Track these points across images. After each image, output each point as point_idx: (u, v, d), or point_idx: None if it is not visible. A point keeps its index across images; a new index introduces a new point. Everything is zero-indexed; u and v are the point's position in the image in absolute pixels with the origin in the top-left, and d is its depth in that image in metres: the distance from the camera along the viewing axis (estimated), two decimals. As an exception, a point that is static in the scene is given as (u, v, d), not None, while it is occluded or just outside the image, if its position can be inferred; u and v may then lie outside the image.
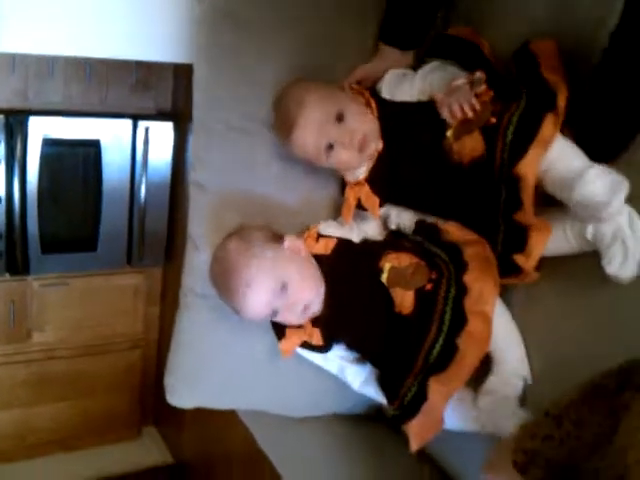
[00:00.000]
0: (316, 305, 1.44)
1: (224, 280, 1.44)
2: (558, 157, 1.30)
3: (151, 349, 3.12)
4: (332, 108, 1.41)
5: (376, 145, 1.45)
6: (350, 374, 1.58)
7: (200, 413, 2.67)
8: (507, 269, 1.38)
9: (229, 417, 1.89)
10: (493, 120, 1.36)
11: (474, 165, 1.38)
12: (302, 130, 1.42)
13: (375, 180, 1.49)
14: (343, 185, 1.56)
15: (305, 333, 1.48)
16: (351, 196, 1.52)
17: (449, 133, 1.39)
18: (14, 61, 2.50)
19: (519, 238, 1.34)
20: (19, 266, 2.67)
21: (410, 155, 1.46)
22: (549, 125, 1.30)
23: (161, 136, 2.74)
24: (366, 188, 1.50)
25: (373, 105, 1.47)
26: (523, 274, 1.36)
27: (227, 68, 1.52)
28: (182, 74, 2.70)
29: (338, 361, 1.57)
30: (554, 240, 1.34)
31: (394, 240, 1.53)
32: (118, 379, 3.09)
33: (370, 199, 1.50)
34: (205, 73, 1.54)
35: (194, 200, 1.58)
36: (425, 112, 1.43)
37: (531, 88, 1.35)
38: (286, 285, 1.39)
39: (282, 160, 1.56)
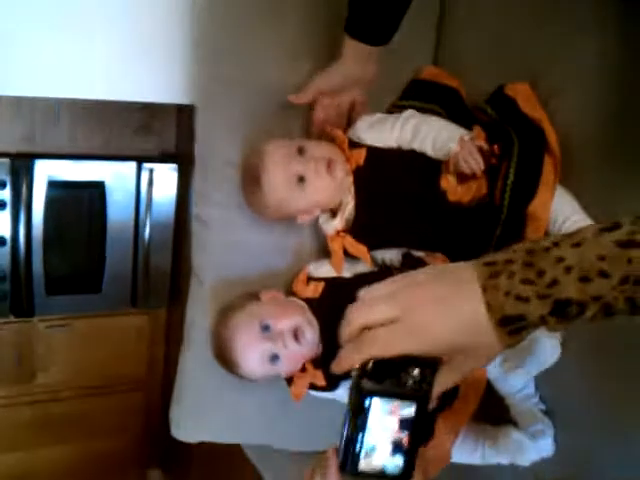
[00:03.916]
0: (310, 335, 1.44)
1: (222, 357, 1.49)
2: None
3: (155, 391, 3.12)
4: (291, 147, 1.45)
5: (344, 168, 1.47)
6: None
7: (206, 453, 2.68)
8: None
9: (235, 456, 1.88)
10: (494, 161, 1.40)
11: (474, 204, 1.41)
12: (269, 173, 1.44)
13: (357, 229, 1.51)
14: None
15: (309, 376, 1.49)
16: (336, 246, 1.53)
17: (450, 177, 1.41)
18: (20, 106, 2.54)
19: None
20: (24, 307, 2.69)
21: (398, 198, 1.47)
22: (549, 167, 1.35)
23: (165, 178, 2.77)
24: (348, 238, 1.51)
25: (362, 155, 1.49)
26: None
27: (227, 104, 1.55)
28: (185, 117, 2.74)
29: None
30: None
31: (386, 272, 1.55)
32: (122, 421, 3.08)
33: (356, 248, 1.52)
34: (206, 110, 1.57)
35: (197, 235, 1.61)
36: (413, 156, 1.46)
37: (518, 127, 1.39)
38: (267, 324, 1.42)
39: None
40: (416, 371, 0.78)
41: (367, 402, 0.78)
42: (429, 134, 1.44)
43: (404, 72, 1.66)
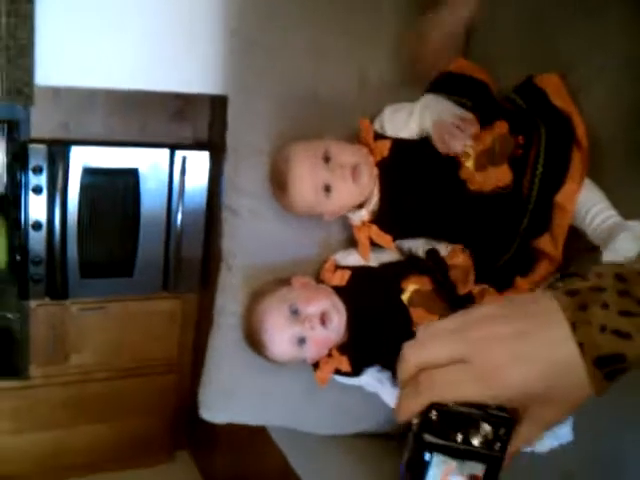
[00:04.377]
0: (337, 321, 1.48)
1: (252, 338, 1.54)
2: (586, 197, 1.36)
3: (185, 374, 3.17)
4: (317, 153, 1.48)
5: (369, 172, 1.50)
6: (386, 394, 1.61)
7: (232, 436, 2.73)
8: (502, 284, 1.44)
9: (261, 439, 1.92)
10: (519, 152, 1.42)
11: (497, 194, 1.43)
12: (296, 182, 1.48)
13: (383, 219, 1.54)
14: None
15: (334, 361, 1.53)
16: (362, 236, 1.57)
17: (469, 164, 1.44)
18: (58, 95, 2.59)
19: (527, 263, 1.40)
20: (59, 290, 2.75)
21: (421, 189, 1.51)
22: (577, 160, 1.37)
23: (198, 165, 2.81)
24: (374, 228, 1.55)
25: (387, 146, 1.52)
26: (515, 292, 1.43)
27: (259, 93, 1.59)
28: (219, 105, 2.77)
29: (374, 382, 1.62)
30: None
31: (413, 262, 1.58)
32: (152, 402, 3.14)
33: (382, 237, 1.56)
34: (238, 99, 1.60)
35: (227, 223, 1.65)
36: (435, 146, 1.48)
37: (546, 118, 1.41)
38: (296, 308, 1.46)
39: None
40: (488, 428, 0.66)
41: (427, 456, 0.67)
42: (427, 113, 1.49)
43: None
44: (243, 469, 2.78)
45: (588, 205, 1.37)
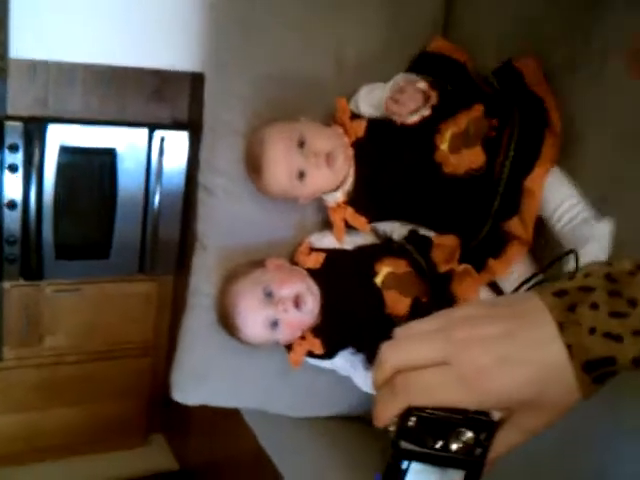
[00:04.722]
0: (310, 303, 1.47)
1: (225, 320, 1.54)
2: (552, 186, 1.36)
3: (160, 356, 3.14)
4: (291, 137, 1.48)
5: (345, 156, 1.49)
6: (358, 377, 1.61)
7: (206, 420, 2.71)
8: (475, 266, 1.45)
9: (235, 422, 1.91)
10: (492, 134, 1.41)
11: (470, 176, 1.42)
12: (270, 166, 1.48)
13: (358, 200, 1.53)
14: None
15: (307, 343, 1.52)
16: (337, 218, 1.57)
17: (443, 146, 1.44)
18: (35, 70, 2.55)
19: (498, 245, 1.40)
20: (33, 271, 2.71)
21: (396, 170, 1.51)
22: (549, 145, 1.36)
23: (176, 146, 2.78)
24: (349, 210, 1.54)
25: (362, 126, 1.51)
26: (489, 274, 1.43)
27: (236, 72, 1.57)
28: (198, 85, 2.74)
29: (347, 365, 1.61)
30: None
31: (388, 245, 1.57)
32: (127, 385, 3.11)
33: (357, 219, 1.55)
34: (215, 78, 1.59)
35: (202, 203, 1.63)
36: (410, 126, 1.47)
37: (521, 102, 1.40)
38: (270, 290, 1.44)
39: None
40: (469, 434, 0.62)
41: (405, 465, 0.63)
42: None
43: (412, 44, 1.67)
44: (217, 452, 2.77)
45: (556, 202, 1.36)
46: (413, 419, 0.62)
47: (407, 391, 0.62)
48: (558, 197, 1.36)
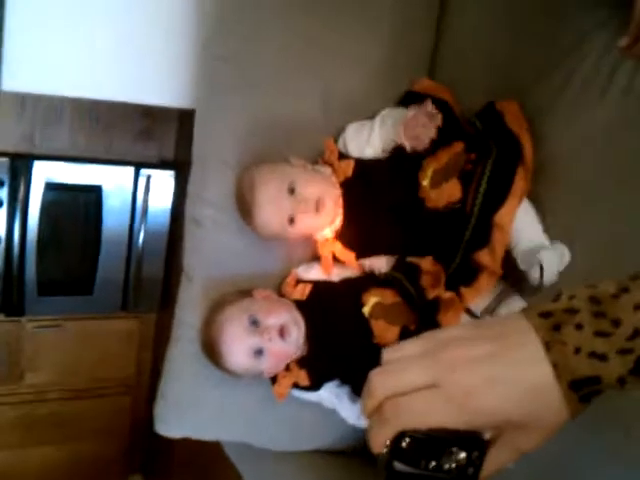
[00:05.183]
0: (295, 334, 1.47)
1: (209, 347, 1.52)
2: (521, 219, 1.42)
3: (141, 395, 3.11)
4: (282, 183, 1.50)
5: (334, 202, 1.52)
6: (344, 409, 1.61)
7: (188, 460, 2.68)
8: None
9: (216, 461, 1.89)
10: (469, 167, 1.45)
11: (448, 209, 1.46)
12: (261, 212, 1.50)
13: (346, 237, 1.56)
14: None
15: (293, 375, 1.52)
16: (325, 252, 1.59)
17: (425, 182, 1.48)
18: (24, 104, 2.57)
19: (469, 274, 1.44)
20: (14, 307, 2.69)
21: (383, 208, 1.54)
22: (521, 179, 1.40)
23: (162, 184, 2.80)
24: (338, 245, 1.57)
25: (350, 166, 1.54)
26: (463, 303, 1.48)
27: (226, 107, 1.59)
28: (186, 123, 2.77)
29: (332, 398, 1.61)
30: None
31: (374, 276, 1.59)
32: (108, 424, 3.07)
33: (345, 255, 1.58)
34: (205, 111, 1.61)
35: (190, 235, 1.64)
36: (396, 165, 1.51)
37: (499, 139, 1.45)
38: (256, 318, 1.45)
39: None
40: (462, 454, 0.63)
41: None
42: (389, 120, 1.54)
43: (400, 83, 1.71)
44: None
45: (519, 230, 1.41)
46: (406, 440, 0.63)
47: (398, 416, 0.63)
48: (524, 235, 1.42)
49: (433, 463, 0.63)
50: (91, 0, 1.70)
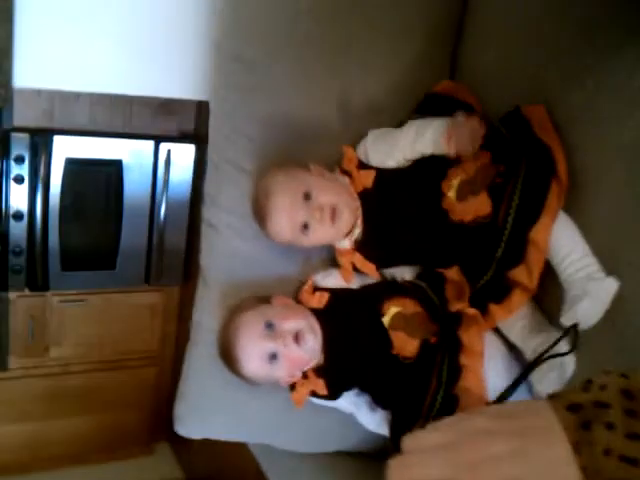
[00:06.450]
0: (311, 342, 1.45)
1: (226, 353, 1.51)
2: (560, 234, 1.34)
3: (166, 367, 3.15)
4: (298, 189, 1.45)
5: (350, 210, 1.48)
6: (363, 417, 1.60)
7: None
8: (477, 309, 1.43)
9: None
10: (499, 180, 1.39)
11: (477, 223, 1.40)
12: (274, 218, 1.46)
13: (366, 248, 1.52)
14: None
15: (311, 383, 1.50)
16: (345, 262, 1.55)
17: (451, 193, 1.42)
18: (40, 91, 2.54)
19: (501, 291, 1.38)
20: (39, 282, 2.71)
21: (404, 219, 1.48)
22: (554, 195, 1.33)
23: (182, 158, 2.77)
24: (358, 256, 1.53)
25: (371, 177, 1.49)
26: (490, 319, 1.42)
27: (240, 110, 1.55)
28: (205, 102, 2.73)
29: (351, 407, 1.60)
30: None
31: (396, 283, 1.56)
32: (133, 395, 3.12)
33: (365, 266, 1.54)
34: (220, 114, 1.57)
35: (205, 237, 1.62)
36: (419, 174, 1.46)
37: (528, 150, 1.38)
38: (271, 323, 1.44)
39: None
40: None
41: None
42: (427, 130, 1.45)
43: (419, 87, 1.64)
44: (222, 463, 2.77)
45: (565, 250, 1.34)
46: None
47: None
48: (565, 247, 1.34)
49: None
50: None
